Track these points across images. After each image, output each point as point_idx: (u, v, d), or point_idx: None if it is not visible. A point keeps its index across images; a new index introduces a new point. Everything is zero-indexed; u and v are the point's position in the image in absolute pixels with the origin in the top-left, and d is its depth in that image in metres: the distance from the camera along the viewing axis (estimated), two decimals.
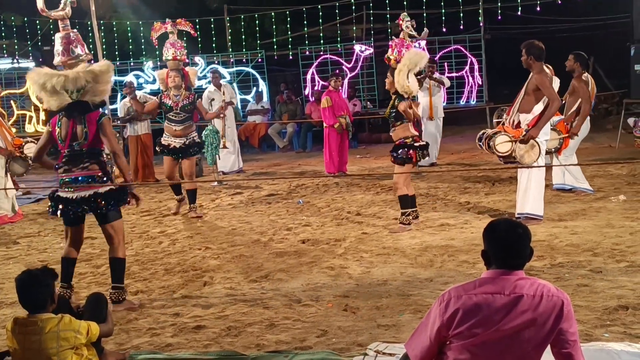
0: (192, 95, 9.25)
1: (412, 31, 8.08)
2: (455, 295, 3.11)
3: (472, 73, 17.82)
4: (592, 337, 4.50)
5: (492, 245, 3.20)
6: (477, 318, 3.04)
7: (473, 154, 13.91)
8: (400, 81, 7.66)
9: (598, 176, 10.31)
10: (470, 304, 3.06)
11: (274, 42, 19.20)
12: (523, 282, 3.10)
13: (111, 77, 5.85)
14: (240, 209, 9.89)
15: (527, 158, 7.60)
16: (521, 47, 7.73)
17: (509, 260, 3.15)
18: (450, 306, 3.09)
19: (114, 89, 17.88)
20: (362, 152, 16.17)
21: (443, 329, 3.10)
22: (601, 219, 7.78)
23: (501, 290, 3.08)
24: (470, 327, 3.04)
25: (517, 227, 3.21)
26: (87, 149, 5.66)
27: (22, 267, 6.91)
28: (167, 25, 9.55)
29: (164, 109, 9.20)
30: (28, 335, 3.93)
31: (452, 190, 10.19)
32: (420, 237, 7.52)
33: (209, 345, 4.82)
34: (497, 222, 3.33)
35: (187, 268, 6.87)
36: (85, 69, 5.67)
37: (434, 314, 3.15)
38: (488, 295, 3.07)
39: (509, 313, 3.03)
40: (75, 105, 5.63)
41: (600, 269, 5.99)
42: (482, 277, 3.19)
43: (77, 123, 5.63)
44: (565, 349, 3.08)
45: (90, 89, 5.62)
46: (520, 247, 3.16)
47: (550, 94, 7.56)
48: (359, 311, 5.31)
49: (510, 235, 3.17)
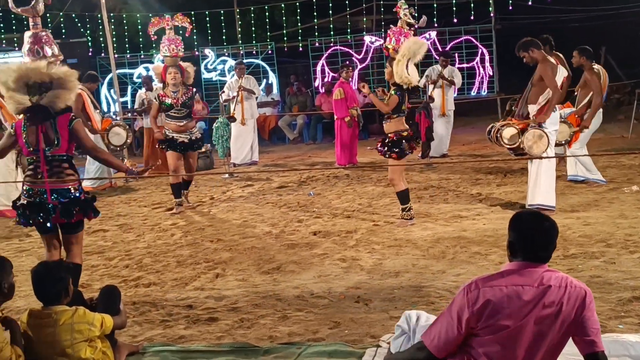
0: (190, 91, 9.15)
1: (410, 19, 7.83)
2: (484, 286, 3.11)
3: (483, 64, 17.76)
4: (607, 328, 4.48)
5: (521, 237, 3.19)
6: (508, 310, 3.06)
7: (484, 145, 13.85)
8: (399, 71, 7.44)
9: (610, 167, 10.26)
10: (501, 296, 3.07)
11: (284, 33, 19.18)
12: (549, 274, 3.13)
13: (75, 85, 5.32)
14: (251, 201, 9.90)
15: (535, 149, 7.56)
16: (517, 49, 7.71)
17: (538, 253, 3.16)
18: (480, 297, 3.08)
19: (124, 82, 17.96)
20: (373, 143, 16.10)
21: (472, 320, 3.10)
22: (614, 210, 7.74)
23: (530, 282, 3.09)
24: (501, 319, 3.06)
25: (546, 220, 3.22)
26: (60, 156, 5.28)
27: (35, 259, 6.94)
28: (165, 20, 9.40)
29: (164, 108, 9.07)
30: (42, 327, 3.96)
31: (464, 182, 10.16)
32: (432, 229, 7.50)
33: (222, 337, 4.83)
34: (525, 214, 3.34)
35: (199, 260, 6.88)
36: (47, 66, 5.20)
37: (460, 304, 3.13)
38: (518, 287, 3.08)
39: (538, 304, 3.06)
40: (35, 110, 5.18)
41: (613, 260, 5.97)
42: (508, 269, 3.19)
43: (47, 128, 5.21)
44: (588, 336, 3.13)
45: (51, 92, 5.14)
46: (550, 240, 3.19)
47: (550, 84, 7.53)
48: (371, 303, 5.31)
49: (540, 228, 3.18)
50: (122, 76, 17.77)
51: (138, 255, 7.20)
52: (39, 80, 5.14)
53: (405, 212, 7.82)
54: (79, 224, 5.43)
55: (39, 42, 5.58)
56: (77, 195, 5.31)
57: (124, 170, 5.78)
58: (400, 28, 7.78)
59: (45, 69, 5.15)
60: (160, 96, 9.10)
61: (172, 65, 9.10)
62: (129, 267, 6.80)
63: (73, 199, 5.28)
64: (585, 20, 19.72)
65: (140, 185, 11.89)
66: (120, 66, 17.67)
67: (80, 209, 5.32)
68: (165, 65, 9.22)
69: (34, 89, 5.15)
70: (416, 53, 7.52)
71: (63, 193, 5.25)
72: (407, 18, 7.80)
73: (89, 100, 10.78)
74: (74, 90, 5.35)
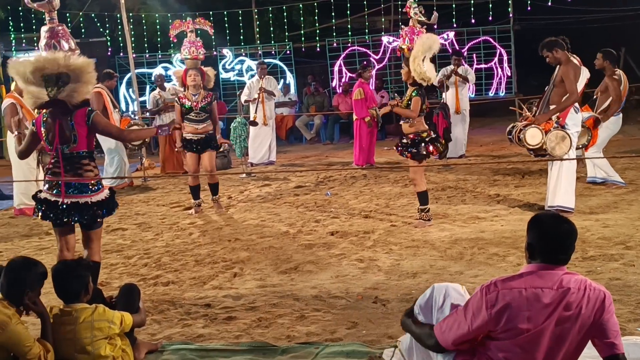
0: (209, 95, 9.11)
1: (421, 17, 7.77)
2: (503, 288, 3.09)
3: (501, 64, 17.71)
4: (626, 331, 4.45)
5: (540, 239, 3.18)
6: (528, 313, 3.04)
7: (502, 146, 13.81)
8: (417, 68, 7.40)
9: (630, 168, 10.20)
10: (520, 299, 3.05)
11: (302, 34, 19.21)
12: (568, 276, 3.12)
13: (93, 77, 5.28)
14: (268, 200, 9.93)
15: (558, 150, 7.53)
16: (540, 49, 7.66)
17: (558, 255, 3.15)
18: (499, 299, 3.07)
19: (142, 82, 18.06)
20: (390, 144, 16.10)
21: (491, 323, 3.08)
22: (633, 212, 7.69)
23: (549, 285, 3.07)
24: (520, 322, 3.04)
25: (566, 222, 3.21)
26: (78, 153, 5.25)
27: (55, 257, 6.95)
28: (186, 23, 9.44)
29: (184, 111, 8.99)
30: (63, 325, 3.99)
31: (481, 183, 10.13)
32: (450, 230, 7.49)
33: (240, 336, 4.85)
34: (545, 216, 3.32)
35: (217, 259, 6.91)
36: (63, 58, 5.14)
37: (477, 304, 3.12)
38: (537, 289, 3.07)
39: (557, 307, 3.04)
40: (54, 104, 5.16)
41: (633, 262, 5.93)
42: (527, 271, 3.18)
43: (63, 125, 5.18)
44: (608, 338, 3.12)
45: (69, 86, 5.11)
46: (570, 243, 3.17)
47: (570, 87, 7.50)
48: (388, 303, 5.31)
49: (560, 230, 3.17)
50: (140, 76, 17.87)
51: (157, 254, 7.24)
52: (57, 72, 5.09)
53: (424, 213, 7.80)
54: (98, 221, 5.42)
55: (55, 36, 5.55)
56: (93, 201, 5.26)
57: (156, 133, 5.81)
58: (412, 27, 7.75)
59: (63, 60, 5.10)
60: (180, 98, 9.08)
61: (193, 67, 9.09)
62: (147, 266, 6.84)
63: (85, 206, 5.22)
64: (604, 20, 19.60)
65: (159, 184, 11.96)
66: (138, 66, 17.78)
67: (98, 208, 5.29)
68: (186, 67, 9.22)
69: (51, 81, 5.11)
70: (431, 47, 7.49)
71: (81, 188, 5.22)
72: (418, 17, 7.75)
73: (109, 100, 10.87)
74: (92, 83, 5.32)
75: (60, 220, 5.24)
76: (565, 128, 7.57)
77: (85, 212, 5.24)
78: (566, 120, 7.63)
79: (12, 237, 8.51)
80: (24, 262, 4.11)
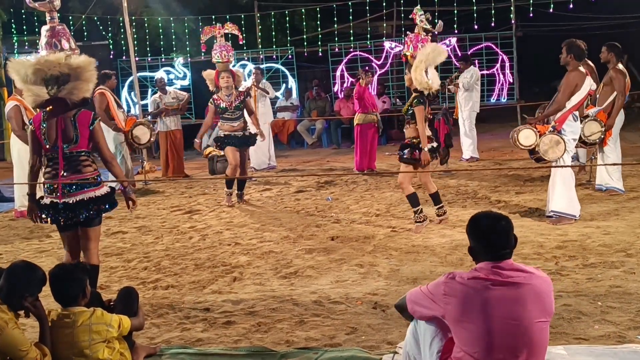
0: (241, 94, 9.85)
1: (426, 25, 7.83)
2: (461, 282, 3.25)
3: (503, 71, 17.69)
4: (625, 339, 4.44)
5: (478, 240, 3.32)
6: (479, 305, 3.17)
7: (503, 152, 13.80)
8: (418, 77, 7.44)
9: (631, 176, 10.19)
10: (473, 292, 3.19)
11: (304, 38, 19.20)
12: (515, 269, 3.26)
13: (94, 75, 5.34)
14: (269, 205, 9.92)
15: (551, 154, 7.60)
16: (562, 45, 7.68)
17: (499, 252, 3.27)
18: (455, 291, 3.24)
19: (144, 85, 18.07)
20: (391, 149, 16.10)
21: (448, 318, 3.27)
22: (634, 220, 7.67)
23: (499, 279, 3.20)
24: (475, 314, 3.17)
25: (500, 219, 3.35)
26: (77, 152, 5.27)
27: (55, 260, 6.99)
28: (216, 28, 9.95)
29: (219, 111, 9.77)
30: (61, 328, 3.99)
31: (483, 189, 10.12)
32: (450, 236, 7.47)
33: (239, 341, 4.84)
34: (478, 217, 3.43)
35: (217, 263, 6.90)
36: (64, 58, 5.21)
37: (437, 290, 3.33)
38: (487, 282, 3.20)
39: (513, 300, 3.17)
40: (54, 102, 5.18)
41: (633, 270, 5.91)
42: (479, 267, 3.31)
43: (66, 125, 5.21)
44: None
45: (69, 84, 5.17)
46: (508, 239, 3.29)
47: (560, 97, 7.61)
48: (388, 309, 5.29)
49: (493, 228, 3.29)
50: (142, 79, 17.87)
51: (156, 258, 7.23)
52: (57, 73, 5.14)
53: (417, 215, 7.80)
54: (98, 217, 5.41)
55: (56, 35, 5.56)
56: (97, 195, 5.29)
57: (122, 188, 5.70)
58: (417, 34, 7.77)
59: (63, 61, 5.16)
60: (214, 100, 9.79)
61: (224, 70, 9.79)
62: (147, 269, 6.84)
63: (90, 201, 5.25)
64: (607, 28, 19.58)
65: (159, 187, 11.95)
66: (141, 69, 17.77)
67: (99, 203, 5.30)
68: (218, 70, 9.87)
69: (52, 81, 5.17)
70: (435, 60, 7.56)
71: (82, 185, 5.25)
72: (423, 24, 7.80)
73: (113, 100, 10.90)
74: (93, 81, 5.36)
75: (70, 220, 5.26)
76: (562, 134, 7.59)
77: (92, 207, 5.26)
78: (563, 126, 7.64)
79: (12, 239, 8.51)
80: (25, 267, 4.11)
